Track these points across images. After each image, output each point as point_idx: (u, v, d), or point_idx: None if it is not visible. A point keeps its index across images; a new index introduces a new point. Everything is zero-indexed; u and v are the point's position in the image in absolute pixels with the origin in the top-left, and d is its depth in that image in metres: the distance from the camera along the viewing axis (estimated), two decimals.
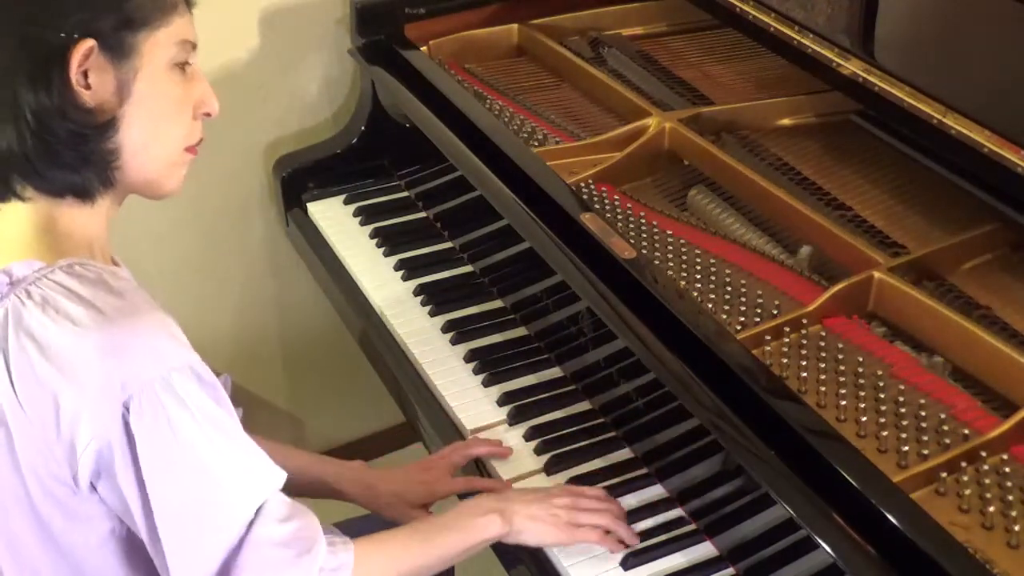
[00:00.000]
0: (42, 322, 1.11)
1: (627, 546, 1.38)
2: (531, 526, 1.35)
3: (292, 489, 1.58)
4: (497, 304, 1.78)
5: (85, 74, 1.15)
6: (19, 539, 1.19)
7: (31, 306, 1.12)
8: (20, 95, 1.13)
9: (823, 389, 1.35)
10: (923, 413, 1.31)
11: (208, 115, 1.26)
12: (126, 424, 1.11)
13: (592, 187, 1.68)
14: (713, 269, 1.54)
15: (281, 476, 1.20)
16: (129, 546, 1.21)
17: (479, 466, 1.53)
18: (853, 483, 1.17)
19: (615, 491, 1.46)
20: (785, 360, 1.39)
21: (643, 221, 1.63)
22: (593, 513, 1.38)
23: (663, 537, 1.39)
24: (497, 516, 1.34)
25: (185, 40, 1.21)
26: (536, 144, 1.78)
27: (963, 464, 1.25)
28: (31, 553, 1.19)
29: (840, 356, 1.40)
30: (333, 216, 2.02)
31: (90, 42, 1.14)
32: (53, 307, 1.12)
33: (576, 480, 1.47)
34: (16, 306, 1.13)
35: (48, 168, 1.17)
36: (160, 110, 1.20)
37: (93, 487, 1.15)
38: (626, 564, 1.36)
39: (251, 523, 1.16)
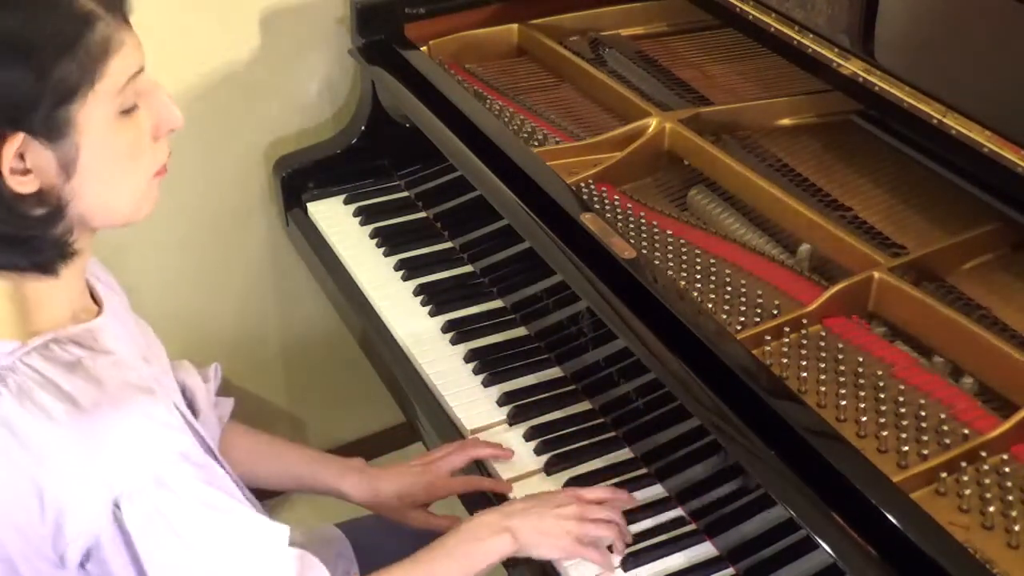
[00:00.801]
0: (19, 413, 1.06)
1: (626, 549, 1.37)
2: (540, 540, 1.33)
3: (292, 486, 1.59)
4: (497, 304, 1.78)
5: (22, 156, 1.03)
6: None
7: (6, 395, 1.07)
8: None
9: (823, 389, 1.35)
10: (923, 413, 1.31)
11: (172, 130, 1.15)
12: (118, 521, 1.08)
13: (592, 187, 1.68)
14: (713, 269, 1.54)
15: (284, 532, 1.18)
16: None
17: (479, 466, 1.53)
18: (853, 483, 1.17)
19: None
20: (785, 360, 1.39)
21: (643, 221, 1.63)
22: (600, 524, 1.35)
23: (663, 537, 1.39)
24: (507, 535, 1.31)
25: (129, 77, 1.07)
26: (536, 144, 1.78)
27: (963, 464, 1.25)
28: None
29: (840, 356, 1.40)
30: (333, 216, 2.02)
31: (19, 136, 1.02)
32: (29, 398, 1.07)
33: (576, 481, 1.47)
34: None
35: None
36: (113, 167, 1.09)
37: (82, 566, 1.12)
38: (626, 564, 1.36)
39: None
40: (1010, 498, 1.22)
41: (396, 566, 1.29)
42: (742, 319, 1.45)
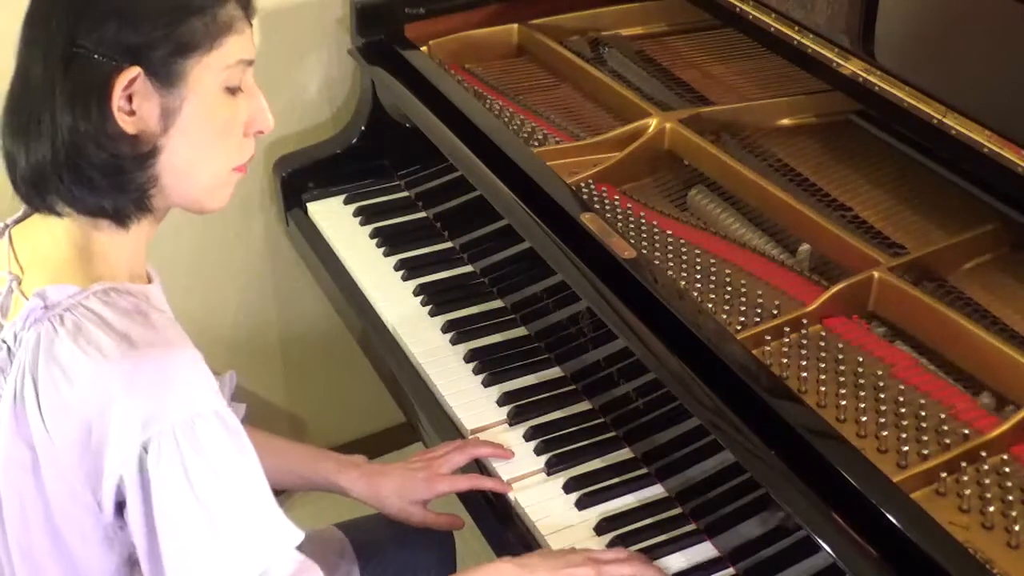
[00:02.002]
0: (72, 351, 1.09)
1: None
2: None
3: (292, 483, 1.59)
4: (497, 304, 1.78)
5: (130, 98, 1.11)
6: (37, 555, 1.17)
7: (63, 334, 1.10)
8: (58, 115, 1.11)
9: (823, 389, 1.35)
10: (923, 413, 1.31)
11: (261, 132, 1.22)
12: (141, 464, 1.09)
13: (592, 187, 1.68)
14: (713, 269, 1.54)
15: (297, 536, 1.17)
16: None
17: (480, 465, 1.53)
18: (853, 483, 1.17)
19: (616, 491, 1.46)
20: (785, 360, 1.39)
21: (643, 221, 1.63)
22: (618, 564, 1.34)
23: (663, 537, 1.39)
24: None
25: (240, 60, 1.16)
26: (536, 144, 1.78)
27: (963, 464, 1.25)
28: (47, 569, 1.18)
29: (840, 356, 1.40)
30: (333, 216, 2.02)
31: (135, 70, 1.10)
32: (84, 337, 1.10)
33: (576, 481, 1.48)
34: (48, 333, 1.11)
35: (80, 191, 1.14)
36: (206, 136, 1.16)
37: (119, 511, 1.13)
38: None
39: None
40: (1010, 498, 1.22)
41: None
42: (742, 319, 1.45)
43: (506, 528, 1.46)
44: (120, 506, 1.13)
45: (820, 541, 1.18)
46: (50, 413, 1.11)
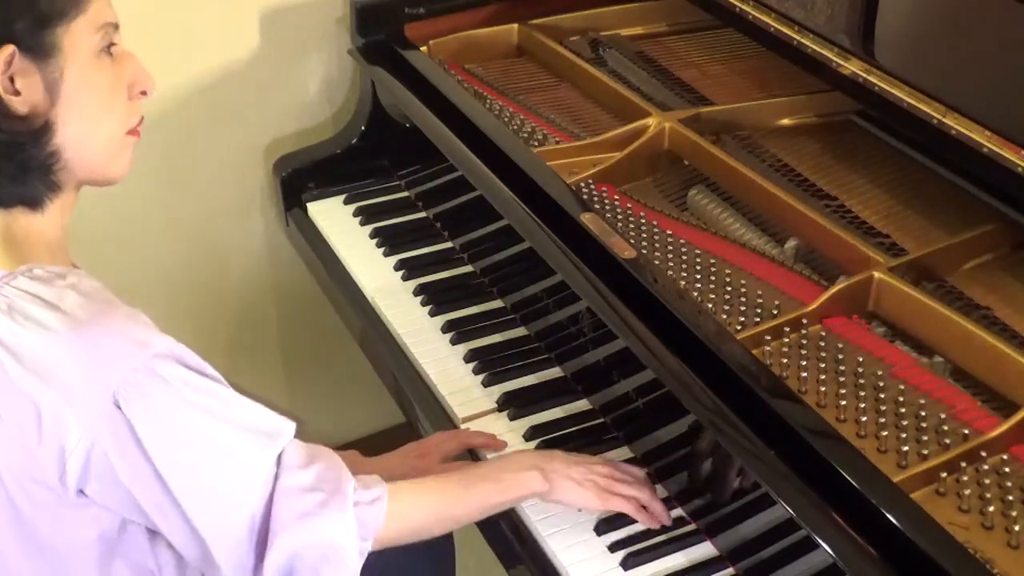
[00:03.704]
0: (11, 330, 1.11)
1: (661, 525, 1.39)
2: (569, 487, 1.36)
3: None
4: (497, 304, 1.78)
5: (12, 80, 1.13)
6: (4, 551, 1.18)
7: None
8: None
9: (823, 389, 1.35)
10: (923, 413, 1.31)
11: (144, 94, 1.24)
12: (123, 418, 1.10)
13: (592, 187, 1.68)
14: (713, 269, 1.54)
15: (291, 425, 1.20)
16: (116, 551, 1.21)
17: (474, 457, 1.53)
18: (853, 483, 1.17)
19: None
20: (785, 360, 1.39)
21: (643, 221, 1.63)
22: (631, 486, 1.39)
23: (663, 537, 1.39)
24: (539, 473, 1.35)
25: (106, 23, 1.19)
26: (536, 144, 1.78)
27: (963, 464, 1.25)
28: (15, 562, 1.18)
29: (840, 356, 1.40)
30: (333, 216, 2.02)
31: (9, 48, 1.12)
32: (20, 313, 1.11)
33: None
34: None
35: None
36: (93, 101, 1.19)
37: (81, 492, 1.14)
38: (626, 564, 1.36)
39: (275, 476, 1.16)
40: (1010, 498, 1.22)
41: (436, 476, 1.34)
42: (742, 319, 1.45)
43: (501, 520, 1.46)
44: (83, 488, 1.13)
45: (820, 541, 1.18)
46: (2, 397, 1.11)
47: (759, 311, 1.47)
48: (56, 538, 1.18)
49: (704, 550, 1.38)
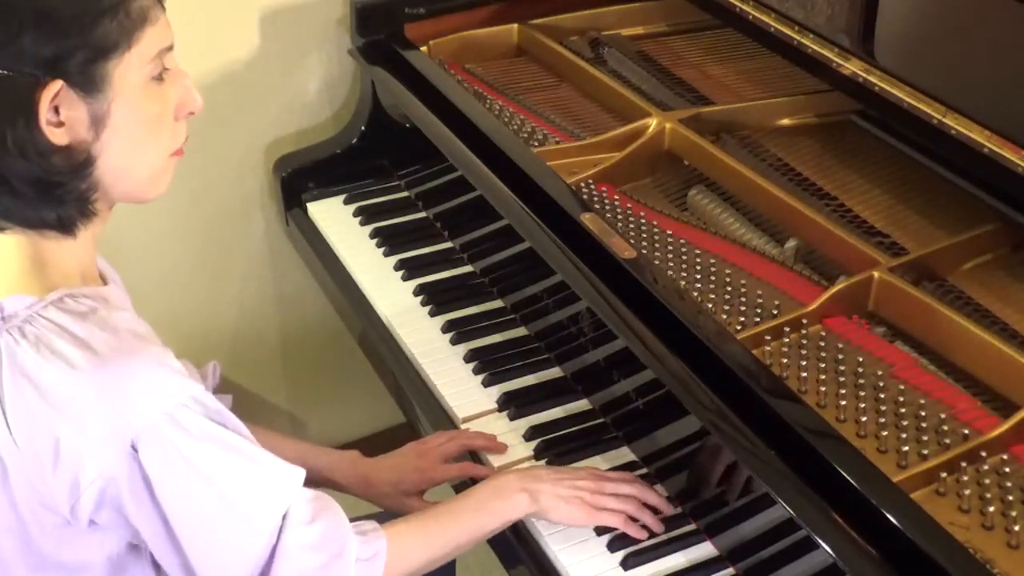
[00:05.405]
0: (37, 362, 1.10)
1: (651, 532, 1.38)
2: (557, 505, 1.36)
3: None
4: (497, 304, 1.78)
5: (56, 110, 1.10)
6: (9, 565, 1.18)
7: (25, 345, 1.11)
8: None
9: (823, 389, 1.35)
10: (923, 413, 1.31)
11: (191, 114, 1.22)
12: (138, 463, 1.10)
13: (592, 187, 1.68)
14: (713, 269, 1.54)
15: (300, 475, 1.20)
16: (122, 570, 1.21)
17: (475, 459, 1.53)
18: (853, 483, 1.17)
19: None
20: (785, 360, 1.39)
21: (643, 221, 1.63)
22: (618, 499, 1.38)
23: (663, 537, 1.39)
24: (526, 495, 1.35)
25: (161, 50, 1.16)
26: (536, 144, 1.78)
27: (963, 464, 1.25)
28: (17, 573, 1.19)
29: (840, 356, 1.40)
30: (333, 216, 2.02)
31: (57, 84, 1.09)
32: (47, 347, 1.10)
33: None
34: (10, 344, 1.11)
35: (18, 207, 1.14)
36: (140, 132, 1.16)
37: (92, 521, 1.14)
38: (626, 564, 1.36)
39: (280, 531, 1.16)
40: (1010, 498, 1.22)
41: (427, 512, 1.34)
42: (742, 319, 1.45)
43: None
44: (94, 518, 1.14)
45: (820, 541, 1.18)
46: (17, 423, 1.11)
47: (759, 311, 1.47)
48: (63, 557, 1.18)
49: (704, 550, 1.38)
